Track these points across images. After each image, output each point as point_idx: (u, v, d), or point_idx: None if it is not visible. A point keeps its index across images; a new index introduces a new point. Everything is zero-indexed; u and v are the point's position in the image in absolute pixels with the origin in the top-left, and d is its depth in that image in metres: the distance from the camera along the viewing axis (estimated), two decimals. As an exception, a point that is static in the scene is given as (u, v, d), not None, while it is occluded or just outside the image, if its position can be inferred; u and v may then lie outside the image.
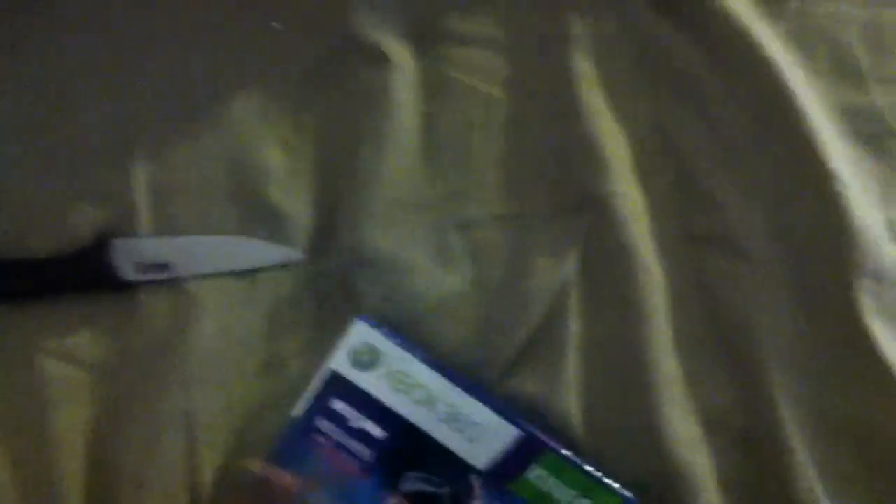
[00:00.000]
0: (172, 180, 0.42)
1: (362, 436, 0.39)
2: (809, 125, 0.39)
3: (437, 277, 0.42)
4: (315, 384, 0.40)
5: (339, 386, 0.40)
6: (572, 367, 0.40)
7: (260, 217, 0.42)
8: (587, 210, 0.41)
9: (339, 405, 0.40)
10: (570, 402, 0.40)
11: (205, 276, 0.41)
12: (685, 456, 0.39)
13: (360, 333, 0.40)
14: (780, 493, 0.39)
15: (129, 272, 0.41)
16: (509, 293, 0.41)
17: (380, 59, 0.42)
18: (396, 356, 0.40)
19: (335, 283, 0.42)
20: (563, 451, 0.39)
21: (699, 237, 0.41)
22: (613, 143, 0.41)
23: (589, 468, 0.39)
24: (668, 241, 0.41)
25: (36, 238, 0.42)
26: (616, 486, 0.38)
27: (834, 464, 0.39)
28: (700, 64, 0.42)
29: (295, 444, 0.40)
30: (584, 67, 0.41)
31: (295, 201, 0.42)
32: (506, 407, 0.39)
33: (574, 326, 0.41)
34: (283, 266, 0.42)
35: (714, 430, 0.40)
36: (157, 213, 0.42)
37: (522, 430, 0.39)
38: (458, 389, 0.39)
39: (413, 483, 0.39)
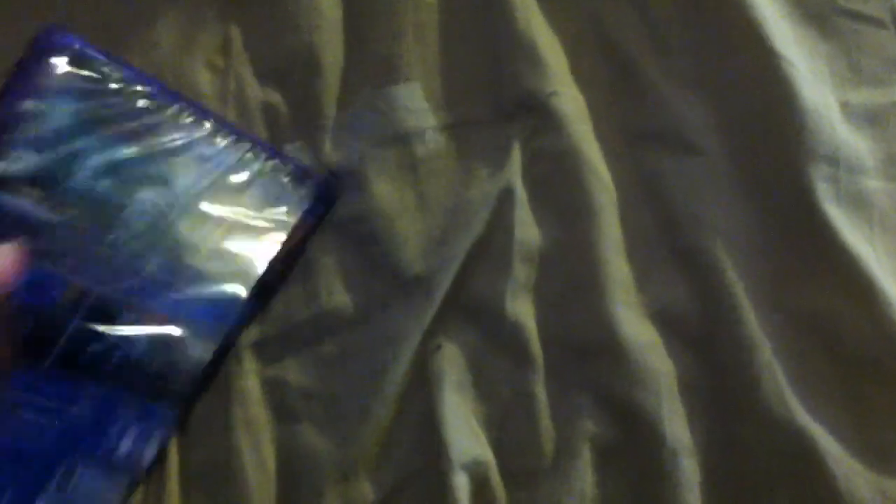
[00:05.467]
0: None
1: None
2: (749, 7, 0.37)
3: (380, 195, 0.40)
4: None
5: None
6: (522, 274, 0.39)
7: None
8: (527, 113, 0.40)
9: None
10: (523, 310, 0.39)
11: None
12: (643, 361, 0.37)
13: None
14: (745, 396, 0.36)
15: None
16: (452, 204, 0.40)
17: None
18: None
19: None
20: None
21: (645, 134, 0.39)
22: (549, 43, 0.40)
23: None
24: (613, 140, 0.40)
25: None
26: None
27: (802, 362, 0.37)
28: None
29: None
30: (514, -34, 0.40)
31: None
32: None
33: (520, 233, 0.39)
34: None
35: (671, 333, 0.38)
36: None
37: None
38: None
39: None
